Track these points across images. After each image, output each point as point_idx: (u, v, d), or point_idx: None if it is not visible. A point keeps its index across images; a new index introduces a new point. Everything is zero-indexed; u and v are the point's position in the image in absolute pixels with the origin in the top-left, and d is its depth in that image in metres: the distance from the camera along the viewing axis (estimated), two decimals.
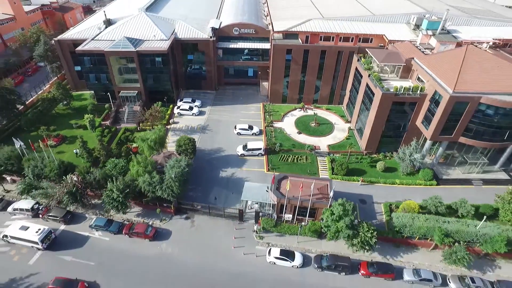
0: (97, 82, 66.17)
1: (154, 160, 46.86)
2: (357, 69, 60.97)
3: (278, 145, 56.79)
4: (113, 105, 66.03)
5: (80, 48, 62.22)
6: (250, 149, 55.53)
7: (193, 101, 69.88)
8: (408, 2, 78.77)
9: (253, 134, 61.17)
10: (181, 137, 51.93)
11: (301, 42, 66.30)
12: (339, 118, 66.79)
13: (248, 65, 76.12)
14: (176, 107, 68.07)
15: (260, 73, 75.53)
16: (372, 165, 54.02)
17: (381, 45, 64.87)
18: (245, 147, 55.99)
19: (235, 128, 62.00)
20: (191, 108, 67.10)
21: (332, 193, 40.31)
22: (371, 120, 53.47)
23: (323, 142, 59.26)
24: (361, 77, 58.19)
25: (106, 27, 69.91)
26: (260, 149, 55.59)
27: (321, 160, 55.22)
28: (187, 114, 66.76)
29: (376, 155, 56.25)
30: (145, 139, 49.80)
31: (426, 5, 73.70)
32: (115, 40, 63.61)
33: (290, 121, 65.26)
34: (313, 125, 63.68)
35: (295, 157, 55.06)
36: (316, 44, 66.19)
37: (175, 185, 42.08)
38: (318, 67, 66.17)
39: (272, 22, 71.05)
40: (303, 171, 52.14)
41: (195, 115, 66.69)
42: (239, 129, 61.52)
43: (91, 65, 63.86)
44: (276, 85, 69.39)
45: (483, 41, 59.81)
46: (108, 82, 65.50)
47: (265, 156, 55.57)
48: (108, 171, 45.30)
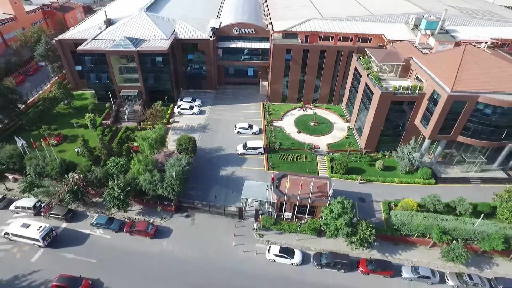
0: (98, 81, 66.52)
1: (154, 158, 47.22)
2: (356, 69, 61.31)
3: (278, 144, 57.14)
4: (114, 105, 66.39)
5: (81, 47, 62.55)
6: (250, 148, 55.90)
7: (194, 101, 70.22)
8: (407, 2, 79.12)
9: (253, 133, 61.51)
10: (181, 136, 52.27)
11: (301, 42, 66.65)
12: (339, 117, 67.15)
13: (248, 65, 76.50)
14: (176, 106, 68.44)
15: (260, 73, 75.90)
16: (371, 164, 54.36)
17: (380, 44, 65.23)
18: (245, 146, 56.36)
19: (235, 127, 62.36)
20: (191, 107, 67.47)
21: (331, 191, 40.67)
22: (370, 119, 53.84)
23: (323, 141, 59.61)
24: (360, 77, 58.54)
25: (106, 27, 70.28)
26: (260, 148, 55.95)
27: (320, 159, 55.60)
28: (188, 113, 67.12)
29: (375, 154, 56.62)
30: (146, 138, 50.18)
31: (424, 5, 74.06)
32: (115, 39, 63.94)
33: (289, 120, 65.63)
34: (313, 124, 64.04)
35: (295, 156, 55.43)
36: (315, 44, 66.51)
37: (176, 183, 42.43)
38: (317, 67, 66.54)
39: (271, 22, 71.48)
40: (303, 170, 52.48)
41: (196, 115, 67.02)
42: (239, 128, 61.88)
43: (92, 65, 64.19)
44: (276, 85, 69.75)
45: (481, 40, 60.11)
46: (108, 81, 65.86)
47: (265, 155, 55.93)
48: (109, 169, 45.67)
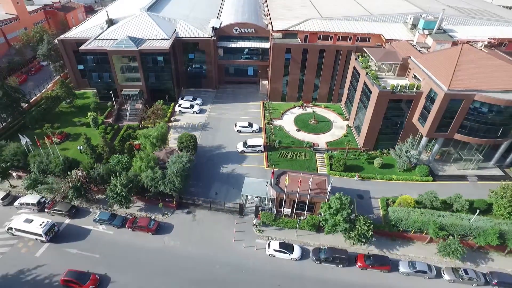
0: (99, 80, 67.33)
1: (156, 156, 47.94)
2: (355, 68, 61.99)
3: (277, 142, 57.88)
4: (116, 103, 67.13)
5: (83, 47, 63.32)
6: (250, 146, 56.64)
7: (194, 99, 70.94)
8: (405, 2, 79.75)
9: (253, 131, 62.21)
10: (182, 134, 53.04)
11: (300, 41, 67.35)
12: (338, 116, 67.87)
13: (248, 64, 77.21)
14: (177, 105, 69.11)
15: (260, 72, 76.61)
16: (369, 162, 55.10)
17: (379, 44, 65.89)
18: (245, 144, 57.10)
19: (236, 125, 63.06)
20: (192, 106, 68.20)
21: (330, 188, 41.43)
22: (368, 117, 54.52)
23: (322, 139, 60.32)
24: (359, 76, 59.24)
25: (108, 27, 71.01)
26: (260, 146, 56.70)
27: (319, 156, 56.31)
28: (188, 112, 67.86)
29: (373, 152, 57.34)
30: (148, 136, 50.92)
31: (423, 5, 74.71)
32: (117, 39, 64.62)
33: (289, 119, 66.36)
34: (312, 122, 64.77)
35: (294, 153, 56.13)
36: (314, 43, 67.20)
37: (177, 180, 43.19)
38: (317, 66, 67.24)
39: (271, 21, 72.22)
40: (302, 167, 53.17)
41: (196, 113, 67.76)
42: (239, 126, 62.59)
43: (94, 64, 64.97)
44: (275, 84, 70.46)
45: (478, 40, 60.92)
46: (110, 80, 66.63)
47: (264, 152, 56.66)
48: (111, 166, 46.41)
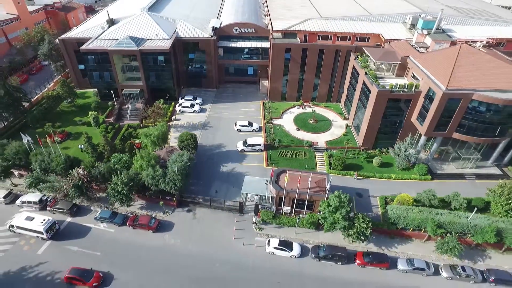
0: (100, 80, 67.72)
1: (157, 155, 48.29)
2: (354, 68, 62.37)
3: (277, 141, 58.30)
4: (116, 103, 67.52)
5: (84, 46, 63.68)
6: (250, 145, 57.01)
7: (194, 99, 71.31)
8: (404, 2, 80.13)
9: (253, 130, 62.58)
10: (183, 133, 53.44)
11: (300, 41, 67.71)
12: (337, 115, 68.28)
13: (248, 64, 77.59)
14: (177, 104, 69.46)
15: (259, 72, 76.99)
16: (368, 161, 55.50)
17: (378, 44, 66.27)
18: (245, 143, 57.46)
19: (236, 124, 63.43)
20: (192, 105, 68.57)
21: (329, 186, 41.81)
22: (367, 116, 54.90)
23: (321, 138, 60.72)
24: (358, 75, 59.62)
25: (109, 27, 71.36)
26: (259, 145, 57.09)
27: (319, 155, 56.71)
28: (189, 111, 68.22)
29: (372, 151, 57.73)
30: (148, 135, 51.31)
31: (421, 5, 75.09)
32: (118, 39, 64.98)
33: (289, 118, 66.77)
34: (312, 122, 65.17)
35: (294, 152, 56.54)
36: (314, 43, 67.57)
37: (178, 178, 43.53)
38: (316, 66, 67.65)
39: (271, 21, 72.61)
40: (302, 166, 53.51)
41: (196, 112, 68.14)
42: (239, 125, 62.96)
43: (95, 64, 65.31)
44: (275, 83, 70.84)
45: (477, 40, 61.30)
46: (111, 80, 67.01)
47: (264, 151, 57.06)
48: (112, 165, 46.72)
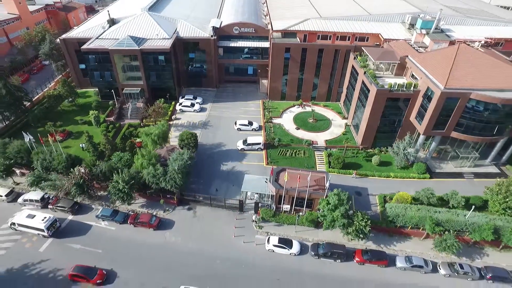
0: (101, 79, 68.05)
1: (157, 153, 48.68)
2: (353, 67, 62.73)
3: (277, 140, 58.68)
4: (117, 102, 67.88)
5: (85, 46, 64.02)
6: (250, 144, 57.38)
7: (195, 98, 71.65)
8: (403, 2, 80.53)
9: (252, 129, 62.93)
10: (183, 132, 53.81)
11: (299, 41, 68.12)
12: (336, 114, 68.67)
13: (248, 63, 77.97)
14: (178, 103, 69.81)
15: (259, 71, 77.34)
16: (367, 159, 55.88)
17: (377, 43, 66.67)
18: (245, 142, 57.84)
19: (236, 123, 63.79)
20: (192, 104, 68.89)
21: (328, 184, 42.18)
22: (366, 116, 55.27)
23: (321, 137, 61.12)
24: (357, 75, 59.98)
25: (110, 26, 71.68)
26: (259, 144, 57.44)
27: (318, 154, 57.07)
28: (189, 110, 68.57)
29: (371, 150, 58.08)
30: (149, 134, 51.65)
31: (420, 5, 75.51)
32: (119, 38, 65.34)
33: (288, 117, 67.14)
34: (311, 121, 65.56)
35: (293, 151, 56.91)
36: (313, 42, 68.01)
37: (178, 176, 43.92)
38: (316, 65, 67.99)
39: (271, 21, 73.01)
40: (301, 165, 53.90)
41: (197, 112, 68.48)
42: (239, 124, 63.32)
43: (96, 63, 65.62)
44: (275, 83, 71.20)
45: (475, 40, 61.69)
46: (112, 79, 67.33)
47: (264, 150, 57.43)
48: (113, 163, 47.12)
